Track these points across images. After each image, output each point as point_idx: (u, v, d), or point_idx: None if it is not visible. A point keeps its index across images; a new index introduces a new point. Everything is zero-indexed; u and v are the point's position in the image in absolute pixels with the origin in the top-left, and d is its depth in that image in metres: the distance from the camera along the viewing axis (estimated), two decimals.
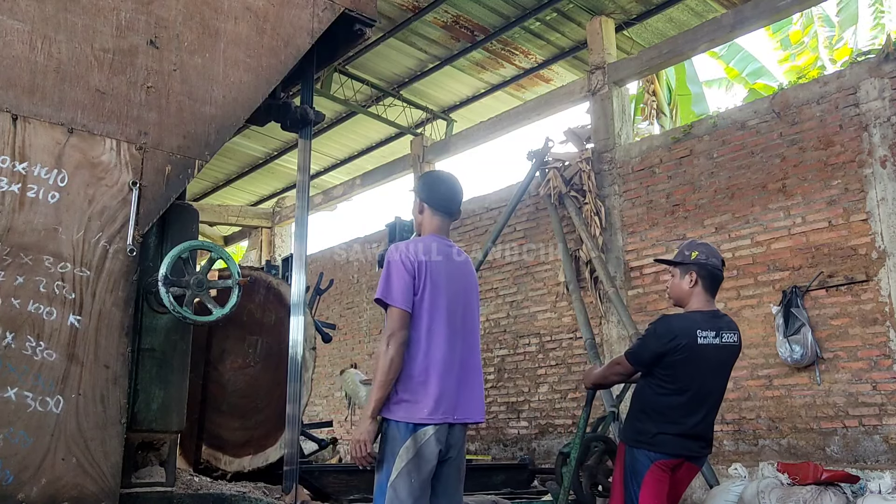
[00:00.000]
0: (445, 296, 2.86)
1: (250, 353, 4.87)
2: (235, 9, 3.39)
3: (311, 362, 5.05)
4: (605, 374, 3.60)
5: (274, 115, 3.85)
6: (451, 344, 2.84)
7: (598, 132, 8.79)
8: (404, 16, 9.33)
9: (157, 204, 3.06)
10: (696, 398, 3.34)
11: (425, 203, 3.04)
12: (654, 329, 3.37)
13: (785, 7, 7.65)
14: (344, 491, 4.40)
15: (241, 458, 4.65)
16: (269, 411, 4.82)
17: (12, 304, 2.68)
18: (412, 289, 2.79)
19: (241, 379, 4.77)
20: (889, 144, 6.41)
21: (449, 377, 2.80)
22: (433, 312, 2.81)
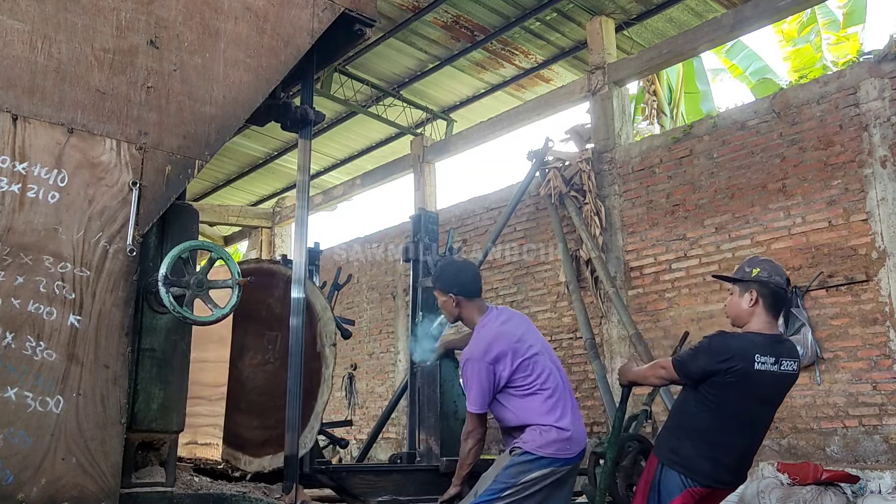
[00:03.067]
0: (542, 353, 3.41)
1: (269, 349, 4.74)
2: (235, 9, 3.39)
3: (332, 359, 4.94)
4: (646, 375, 3.43)
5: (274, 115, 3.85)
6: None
7: (598, 132, 8.79)
8: (404, 16, 9.33)
9: (157, 204, 3.06)
10: (741, 426, 3.13)
11: (459, 297, 3.45)
12: (708, 344, 3.15)
13: (785, 7, 7.65)
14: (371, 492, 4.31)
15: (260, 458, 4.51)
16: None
17: (12, 304, 2.68)
18: (493, 389, 3.34)
19: (259, 376, 4.65)
20: (889, 144, 6.41)
21: None
22: (537, 377, 3.33)
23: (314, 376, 4.74)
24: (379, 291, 11.30)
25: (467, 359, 3.34)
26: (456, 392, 5.13)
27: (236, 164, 13.48)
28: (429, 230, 5.93)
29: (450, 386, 5.12)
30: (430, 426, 5.03)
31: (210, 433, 4.51)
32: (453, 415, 5.07)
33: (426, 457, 4.95)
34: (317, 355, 4.81)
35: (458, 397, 5.09)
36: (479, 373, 3.27)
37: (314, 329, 4.83)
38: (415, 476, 4.56)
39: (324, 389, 4.78)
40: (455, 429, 4.90)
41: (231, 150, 12.58)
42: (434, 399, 5.06)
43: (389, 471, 4.49)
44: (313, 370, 4.73)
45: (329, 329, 4.87)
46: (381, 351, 11.17)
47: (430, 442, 4.95)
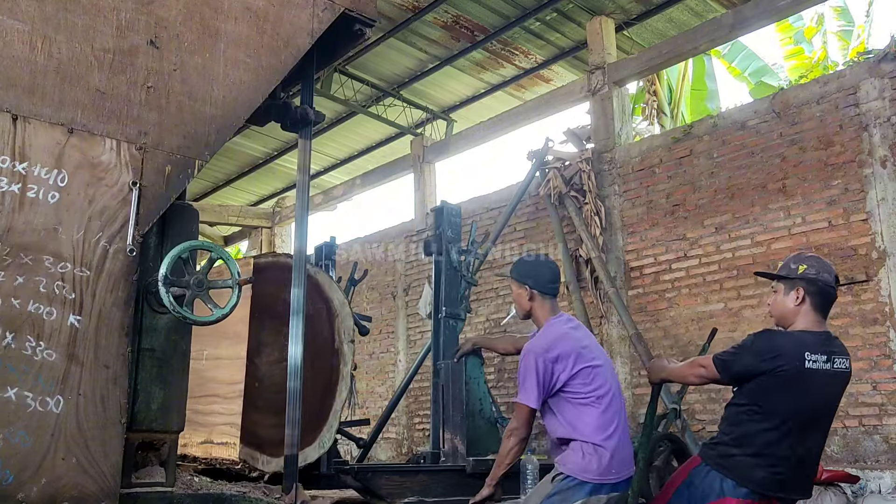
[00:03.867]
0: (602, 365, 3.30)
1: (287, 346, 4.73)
2: (235, 9, 3.39)
3: (350, 356, 4.86)
4: (684, 374, 3.22)
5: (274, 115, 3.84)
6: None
7: (598, 132, 8.79)
8: (404, 16, 9.33)
9: (157, 204, 3.06)
10: (795, 430, 2.88)
11: (535, 290, 3.37)
12: (752, 342, 2.94)
13: (785, 7, 7.65)
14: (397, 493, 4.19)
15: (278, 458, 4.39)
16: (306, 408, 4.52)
17: (12, 304, 2.68)
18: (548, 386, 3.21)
19: (277, 373, 4.50)
20: (889, 144, 6.41)
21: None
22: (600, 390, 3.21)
23: (332, 373, 4.68)
24: (379, 291, 11.30)
25: (528, 351, 3.23)
26: (482, 390, 4.99)
27: (236, 164, 13.48)
28: (451, 223, 5.75)
29: (475, 384, 4.99)
30: (456, 425, 4.90)
31: (227, 432, 4.43)
32: (479, 413, 4.94)
33: (451, 456, 4.84)
34: (335, 352, 4.75)
35: (483, 395, 4.96)
36: (536, 366, 3.15)
37: (332, 325, 4.77)
38: (441, 476, 4.45)
39: (342, 387, 4.69)
40: (481, 428, 4.84)
41: (231, 150, 12.58)
42: (460, 397, 4.91)
43: (415, 471, 4.38)
44: (331, 367, 4.68)
45: (347, 325, 4.79)
46: (381, 351, 11.17)
47: (456, 441, 4.83)
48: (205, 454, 4.52)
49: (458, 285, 5.64)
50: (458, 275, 5.64)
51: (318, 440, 4.55)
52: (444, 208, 5.82)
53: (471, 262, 5.85)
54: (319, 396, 4.63)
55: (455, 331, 5.52)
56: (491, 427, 5.01)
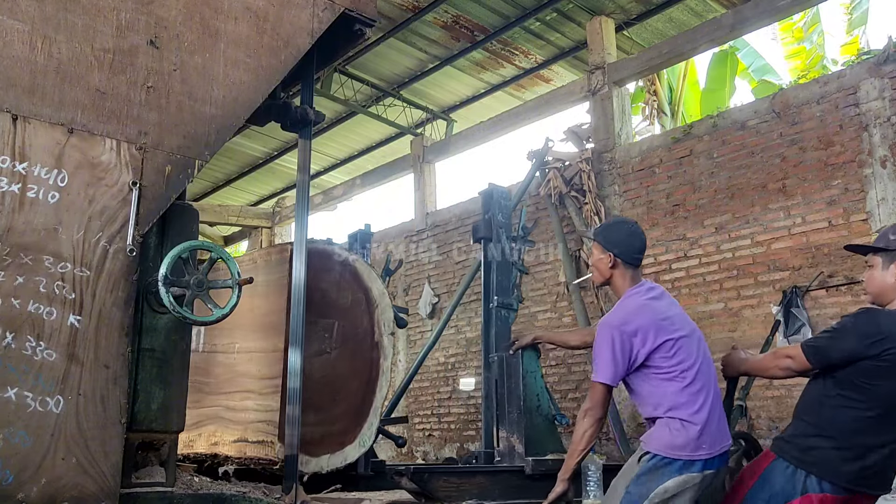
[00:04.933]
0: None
1: (326, 338, 4.40)
2: (235, 9, 3.40)
3: (390, 349, 4.64)
4: (766, 367, 2.96)
5: (274, 115, 3.85)
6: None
7: (598, 132, 8.80)
8: (404, 16, 9.33)
9: (157, 204, 3.06)
10: (894, 419, 2.64)
11: (620, 258, 3.06)
12: (853, 323, 2.69)
13: (785, 7, 7.65)
14: (455, 495, 3.91)
15: (318, 458, 4.19)
16: (346, 404, 4.42)
17: (12, 304, 2.68)
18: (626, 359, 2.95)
19: (316, 367, 4.30)
20: (889, 144, 6.41)
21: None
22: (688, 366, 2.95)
23: (372, 368, 4.53)
24: None
25: (603, 324, 2.98)
26: (539, 385, 4.68)
27: (236, 164, 13.48)
28: (501, 206, 5.41)
29: (532, 378, 4.66)
30: (513, 423, 4.57)
31: (262, 430, 4.21)
32: (536, 410, 4.61)
33: (508, 456, 4.54)
34: (374, 345, 4.57)
35: (541, 391, 4.67)
36: (612, 340, 2.89)
37: (372, 316, 4.59)
38: (500, 478, 4.19)
39: (382, 382, 4.53)
40: (539, 426, 4.55)
41: (231, 150, 12.58)
42: (517, 393, 4.58)
43: (473, 472, 4.15)
44: (371, 361, 4.52)
45: (387, 317, 4.61)
46: None
47: (513, 440, 4.53)
48: (238, 453, 4.32)
49: (509, 273, 5.30)
50: (509, 262, 5.31)
51: (359, 438, 4.38)
52: (493, 191, 5.48)
53: (521, 248, 5.55)
54: (359, 392, 4.46)
55: (507, 322, 5.20)
56: (549, 425, 4.67)
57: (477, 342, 9.55)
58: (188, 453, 4.62)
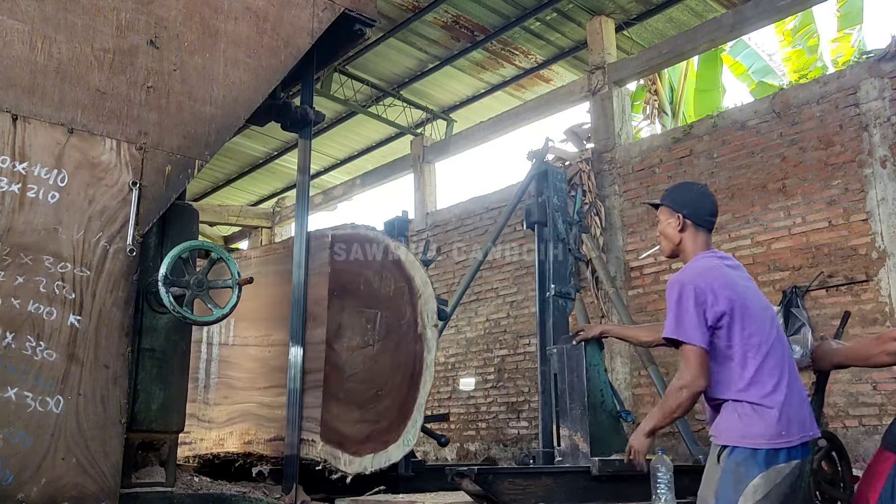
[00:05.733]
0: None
1: (369, 329, 4.17)
2: (235, 9, 3.40)
3: (434, 342, 4.37)
4: (869, 354, 2.67)
5: (274, 115, 3.85)
6: None
7: (598, 132, 8.80)
8: (404, 16, 9.33)
9: (157, 204, 3.06)
10: None
11: (690, 220, 2.80)
12: None
13: (785, 7, 7.65)
14: (521, 498, 3.64)
15: (362, 458, 3.98)
16: (389, 400, 4.20)
17: (12, 304, 2.68)
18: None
19: (358, 360, 4.09)
20: (889, 144, 6.41)
21: None
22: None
23: (416, 362, 4.33)
24: None
25: (674, 281, 2.66)
26: (602, 380, 4.37)
27: (236, 164, 13.48)
28: (557, 189, 5.02)
29: (596, 372, 4.34)
30: (576, 420, 4.24)
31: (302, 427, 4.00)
32: (601, 406, 4.29)
33: (570, 456, 4.21)
34: (418, 337, 4.36)
35: (604, 386, 4.36)
36: (684, 296, 2.58)
37: (415, 307, 4.38)
38: (565, 480, 3.86)
39: (426, 377, 4.33)
40: (603, 423, 4.24)
41: (231, 150, 12.58)
42: (580, 388, 4.26)
43: (538, 473, 3.85)
44: (414, 355, 4.33)
45: (430, 308, 4.41)
46: None
47: (577, 438, 4.22)
48: (275, 453, 4.09)
49: (566, 260, 4.92)
50: (566, 248, 4.92)
51: (403, 437, 4.18)
52: (548, 171, 5.07)
53: (577, 234, 5.09)
54: (403, 387, 4.25)
55: (565, 312, 4.82)
56: (614, 422, 4.34)
57: (477, 342, 9.54)
58: (218, 452, 4.44)
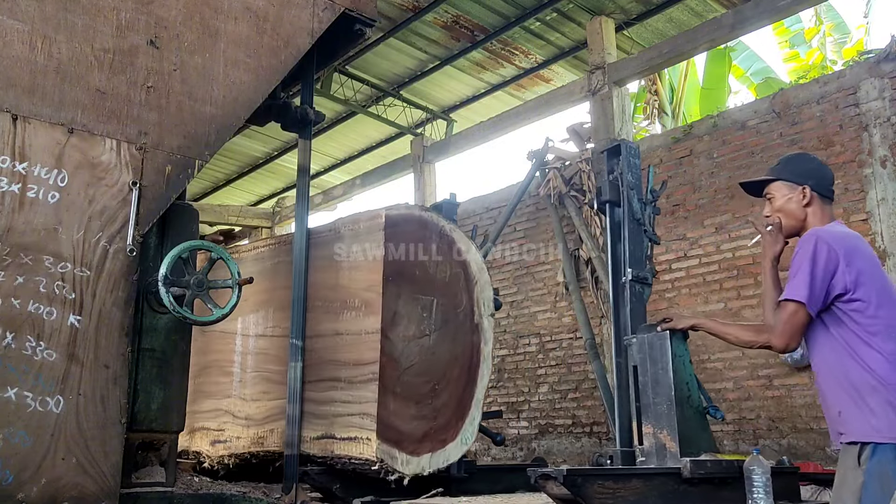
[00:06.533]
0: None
1: (425, 317, 3.89)
2: (235, 9, 3.40)
3: (490, 332, 4.11)
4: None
5: (274, 115, 3.85)
6: None
7: (598, 132, 8.79)
8: (404, 16, 9.33)
9: (157, 204, 3.06)
10: None
11: (816, 191, 2.48)
12: None
13: (785, 7, 7.65)
14: (610, 503, 3.41)
15: (419, 457, 3.72)
16: (447, 395, 3.93)
17: (12, 304, 2.68)
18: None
19: (415, 351, 3.81)
20: (889, 144, 6.41)
21: None
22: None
23: (473, 354, 4.08)
24: None
25: (811, 235, 2.36)
26: (689, 372, 3.99)
27: (236, 164, 13.48)
28: (631, 165, 4.61)
29: (681, 364, 3.95)
30: (660, 416, 3.86)
31: (353, 424, 3.72)
32: (687, 401, 3.89)
33: (655, 456, 3.83)
34: (474, 328, 4.11)
35: (690, 378, 3.97)
36: (816, 252, 2.28)
37: (471, 294, 4.14)
38: (655, 482, 3.55)
39: (484, 371, 4.09)
40: (690, 420, 3.85)
41: (231, 150, 12.58)
42: (665, 381, 3.88)
43: (629, 475, 3.58)
44: (472, 346, 4.08)
45: (487, 296, 4.17)
46: None
47: (662, 436, 3.84)
48: (323, 452, 3.85)
49: (641, 242, 4.53)
50: (641, 229, 4.55)
51: (461, 435, 3.94)
52: (621, 146, 4.68)
53: (651, 214, 4.70)
54: (460, 381, 4.00)
55: (643, 298, 4.47)
56: (701, 419, 3.95)
57: None
58: (257, 451, 4.22)
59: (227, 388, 4.55)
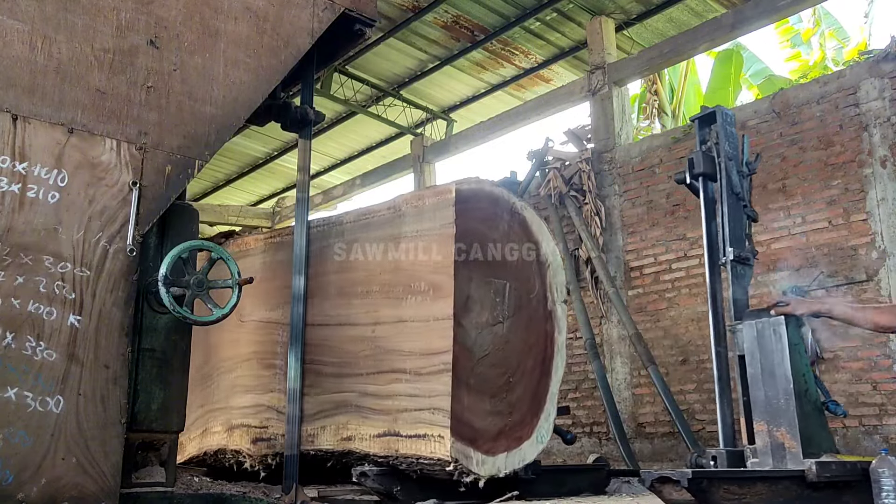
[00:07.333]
0: None
1: (498, 303, 3.59)
2: (235, 9, 3.40)
3: (564, 320, 3.80)
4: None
5: (274, 115, 3.85)
6: None
7: (598, 132, 8.80)
8: (404, 16, 9.34)
9: (157, 204, 3.06)
10: None
11: None
12: None
13: (785, 7, 7.65)
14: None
15: (495, 457, 3.42)
16: (521, 389, 3.63)
17: (12, 304, 2.68)
18: None
19: (488, 340, 3.50)
20: (889, 144, 6.41)
21: None
22: None
23: (548, 343, 3.77)
24: None
25: None
26: (805, 363, 3.59)
27: (236, 164, 13.49)
28: (728, 134, 4.17)
29: (797, 354, 3.55)
30: (777, 412, 3.46)
31: (422, 420, 3.39)
32: (804, 395, 3.49)
33: (770, 456, 3.45)
34: (547, 315, 3.80)
35: (807, 370, 3.57)
36: None
37: (544, 279, 3.81)
38: (780, 486, 3.21)
39: (558, 362, 3.78)
40: (810, 415, 3.47)
41: (231, 150, 12.58)
42: (781, 373, 3.49)
43: (752, 478, 3.23)
44: (545, 335, 3.77)
45: (559, 280, 3.85)
46: None
47: (780, 435, 3.44)
48: (385, 450, 3.54)
49: (741, 218, 4.10)
50: (741, 204, 4.11)
51: (535, 433, 3.63)
52: (717, 113, 4.20)
53: (748, 189, 4.25)
54: (535, 373, 3.69)
55: (744, 280, 4.01)
56: (819, 416, 3.55)
57: None
58: (307, 450, 3.88)
59: (270, 381, 4.20)
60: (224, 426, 4.40)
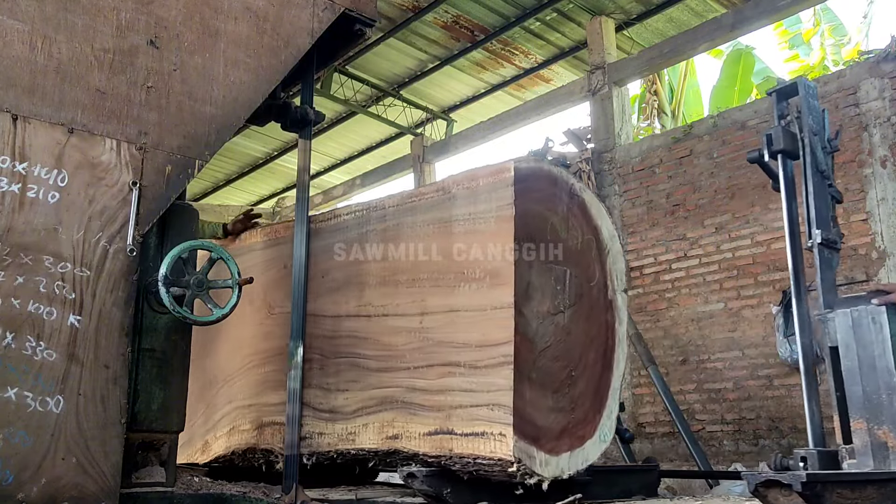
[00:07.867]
0: None
1: (559, 291, 3.36)
2: (235, 9, 3.40)
3: (625, 311, 3.60)
4: None
5: (274, 115, 3.85)
6: None
7: (598, 132, 8.80)
8: (404, 16, 9.34)
9: (157, 204, 3.06)
10: None
11: None
12: None
13: (785, 7, 7.66)
14: None
15: (558, 457, 3.18)
16: (583, 383, 3.39)
17: (12, 304, 2.68)
18: None
19: (549, 330, 3.27)
20: (889, 144, 6.41)
21: None
22: None
23: (608, 335, 3.55)
24: None
25: None
26: None
27: (236, 164, 13.49)
28: (811, 107, 3.83)
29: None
30: (879, 409, 3.21)
31: (479, 417, 3.15)
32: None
33: (871, 457, 3.21)
34: (608, 304, 3.58)
35: None
36: None
37: (604, 266, 3.61)
38: (889, 489, 3.01)
39: (620, 355, 3.55)
40: None
41: (231, 150, 12.59)
42: (882, 366, 3.24)
43: (864, 482, 3.00)
44: (606, 326, 3.55)
45: (619, 268, 3.67)
46: None
47: (882, 434, 3.19)
48: (437, 450, 3.27)
49: (827, 198, 3.82)
50: (826, 183, 3.81)
51: (598, 431, 3.40)
52: (799, 84, 3.83)
53: (831, 168, 3.95)
54: (596, 367, 3.48)
55: (832, 266, 3.71)
56: None
57: None
58: (347, 449, 3.66)
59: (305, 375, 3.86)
60: (253, 424, 4.15)
